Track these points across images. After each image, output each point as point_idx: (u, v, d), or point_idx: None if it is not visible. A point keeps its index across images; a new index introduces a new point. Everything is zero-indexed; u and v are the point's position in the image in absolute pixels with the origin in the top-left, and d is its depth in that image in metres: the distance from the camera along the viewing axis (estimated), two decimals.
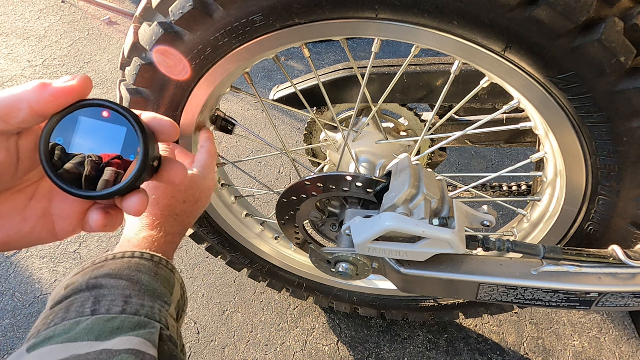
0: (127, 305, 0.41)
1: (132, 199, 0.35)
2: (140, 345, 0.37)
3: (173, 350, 0.41)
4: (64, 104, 0.32)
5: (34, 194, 0.37)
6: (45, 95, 0.31)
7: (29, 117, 0.31)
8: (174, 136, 0.37)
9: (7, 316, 1.18)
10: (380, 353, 1.13)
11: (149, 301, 0.43)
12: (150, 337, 0.39)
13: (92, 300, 0.41)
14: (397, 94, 0.79)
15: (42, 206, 0.37)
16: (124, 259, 0.48)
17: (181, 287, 0.53)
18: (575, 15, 0.42)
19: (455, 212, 0.52)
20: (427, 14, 0.48)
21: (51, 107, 0.32)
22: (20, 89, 0.31)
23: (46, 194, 0.37)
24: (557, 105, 0.52)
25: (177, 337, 0.45)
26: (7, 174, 0.34)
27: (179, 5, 0.53)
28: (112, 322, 0.39)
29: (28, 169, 0.36)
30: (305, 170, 1.42)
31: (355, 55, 2.16)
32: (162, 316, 0.44)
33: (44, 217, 0.37)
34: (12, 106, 0.31)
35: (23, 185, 0.37)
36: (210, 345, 1.15)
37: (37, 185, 0.37)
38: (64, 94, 0.32)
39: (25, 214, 0.36)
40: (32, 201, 0.37)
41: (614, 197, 0.56)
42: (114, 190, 0.34)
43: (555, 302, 0.53)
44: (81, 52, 2.12)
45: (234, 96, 1.88)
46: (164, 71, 0.59)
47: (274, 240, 1.00)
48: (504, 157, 1.65)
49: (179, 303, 0.52)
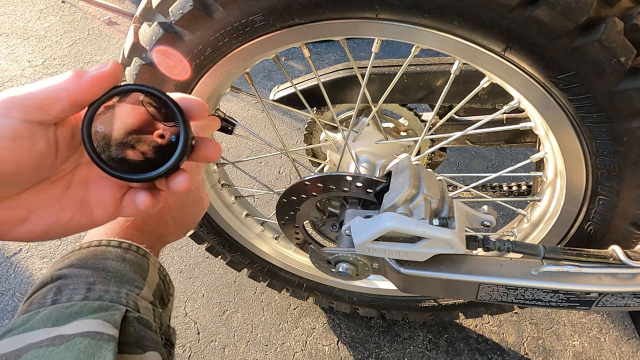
0: (89, 292, 0.41)
1: (178, 177, 0.36)
2: (98, 327, 0.37)
3: (141, 330, 0.41)
4: (101, 91, 0.33)
5: (70, 182, 0.38)
6: (82, 84, 0.32)
7: (67, 107, 0.32)
8: (202, 115, 0.38)
9: (7, 316, 1.18)
10: (380, 353, 1.13)
11: (115, 286, 0.43)
12: (111, 318, 0.38)
13: (54, 291, 0.41)
14: (397, 94, 0.79)
15: (79, 194, 0.38)
16: (89, 248, 0.48)
17: (159, 271, 0.52)
18: (575, 15, 0.42)
19: (455, 212, 0.52)
20: (427, 14, 0.48)
21: (88, 94, 0.32)
22: (57, 79, 0.32)
23: (82, 182, 0.38)
24: (557, 105, 0.52)
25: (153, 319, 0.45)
26: (47, 164, 0.34)
27: (179, 5, 0.53)
28: (71, 308, 0.38)
29: (65, 159, 0.36)
30: (305, 170, 1.42)
31: (355, 55, 2.16)
32: (130, 299, 0.43)
33: (81, 205, 0.38)
34: (51, 96, 0.31)
35: (59, 174, 0.37)
36: (210, 345, 1.15)
37: (72, 174, 0.38)
38: (100, 80, 0.32)
39: (63, 202, 0.37)
40: (68, 190, 0.37)
41: (614, 197, 0.56)
42: (161, 171, 0.35)
43: (555, 302, 0.53)
44: (81, 52, 2.11)
45: (234, 96, 1.88)
46: (164, 71, 0.59)
47: (274, 240, 1.00)
48: (504, 157, 1.65)
49: (159, 286, 0.51)
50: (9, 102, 0.31)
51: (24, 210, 0.35)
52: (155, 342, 0.42)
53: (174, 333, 0.51)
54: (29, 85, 0.32)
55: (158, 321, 0.46)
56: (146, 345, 0.40)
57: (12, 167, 0.31)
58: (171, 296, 0.54)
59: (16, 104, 0.31)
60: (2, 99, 0.31)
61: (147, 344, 0.40)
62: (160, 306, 0.50)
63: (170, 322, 0.52)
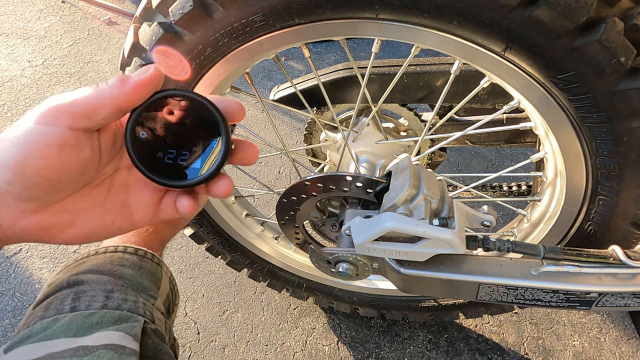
0: (108, 300, 0.41)
1: (220, 183, 0.36)
2: (120, 340, 0.37)
3: (158, 343, 0.41)
4: (144, 97, 0.33)
5: (111, 186, 0.38)
6: (126, 89, 0.32)
7: (111, 113, 0.32)
8: (240, 117, 0.38)
9: (7, 316, 1.18)
10: (380, 353, 1.13)
11: (132, 295, 0.43)
12: (132, 330, 0.38)
13: (72, 297, 0.40)
14: (397, 94, 0.79)
15: (120, 198, 0.38)
16: (106, 254, 0.48)
17: (170, 281, 0.53)
18: (575, 15, 0.42)
19: (455, 212, 0.52)
20: (427, 14, 0.48)
21: (132, 100, 0.33)
22: (101, 86, 0.32)
23: (122, 186, 0.38)
24: (557, 105, 0.52)
25: (165, 330, 0.45)
26: (91, 169, 0.35)
27: (179, 5, 0.53)
28: (91, 317, 0.38)
29: (107, 163, 0.37)
30: (305, 170, 1.42)
31: (355, 55, 2.16)
32: (147, 310, 0.43)
33: (122, 208, 0.38)
34: (96, 103, 0.32)
35: (101, 178, 0.37)
36: (210, 345, 1.15)
37: (113, 178, 0.38)
38: (143, 86, 0.33)
39: (105, 206, 0.37)
40: (110, 193, 0.38)
41: (614, 197, 0.56)
42: (203, 177, 0.35)
43: (555, 302, 0.53)
44: (81, 52, 2.11)
45: (234, 96, 1.89)
46: (164, 71, 0.59)
47: (274, 240, 1.00)
48: (504, 157, 1.65)
49: (169, 297, 0.51)
50: (56, 110, 0.31)
51: (69, 215, 0.35)
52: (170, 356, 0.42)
53: (178, 346, 0.51)
54: (74, 92, 0.32)
55: (168, 333, 0.46)
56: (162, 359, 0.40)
57: (58, 174, 0.32)
58: (176, 306, 0.54)
59: (63, 111, 0.31)
60: (49, 107, 0.31)
61: (163, 357, 0.40)
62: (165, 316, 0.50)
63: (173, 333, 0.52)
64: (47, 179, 0.31)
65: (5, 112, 1.78)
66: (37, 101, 1.83)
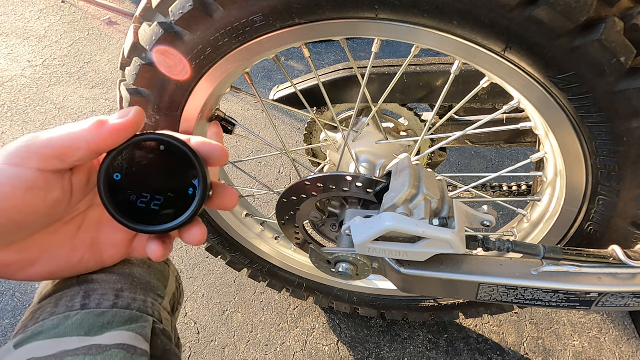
0: (118, 299, 0.41)
1: (192, 230, 0.35)
2: (132, 340, 0.37)
3: (166, 344, 0.41)
4: (121, 140, 0.32)
5: (82, 223, 0.37)
6: (103, 133, 0.31)
7: (86, 156, 0.32)
8: (223, 160, 0.37)
9: (7, 316, 1.18)
10: (380, 353, 1.13)
11: (142, 294, 0.43)
12: (142, 331, 0.38)
13: (82, 295, 0.40)
14: (397, 94, 0.79)
15: (91, 235, 0.37)
16: None
17: (176, 280, 0.52)
18: (575, 15, 0.42)
19: (455, 212, 0.52)
20: (427, 14, 0.48)
21: (109, 144, 0.32)
22: (77, 127, 0.31)
23: (95, 223, 0.38)
24: (557, 105, 0.52)
25: (171, 330, 0.45)
26: (61, 209, 0.34)
27: (179, 5, 0.53)
28: (103, 316, 0.38)
29: (79, 201, 0.36)
30: (305, 170, 1.42)
31: (355, 55, 2.16)
32: (155, 310, 0.43)
33: (92, 246, 0.37)
34: (70, 145, 0.31)
35: (72, 214, 0.37)
36: (210, 345, 1.15)
37: (85, 215, 0.37)
38: (121, 130, 0.32)
39: (74, 243, 0.36)
40: (80, 231, 0.37)
41: (614, 197, 0.56)
42: (175, 224, 0.34)
43: (555, 302, 0.53)
44: (81, 52, 2.11)
45: (234, 96, 1.88)
46: (164, 71, 0.59)
47: (274, 240, 1.00)
48: (504, 157, 1.65)
49: (174, 296, 0.51)
50: (27, 151, 0.30)
51: (34, 252, 0.34)
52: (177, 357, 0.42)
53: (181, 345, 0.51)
54: (49, 131, 0.31)
55: (174, 332, 0.46)
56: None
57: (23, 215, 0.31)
58: (180, 305, 0.54)
59: (34, 152, 0.30)
60: (20, 147, 0.30)
61: (172, 358, 0.40)
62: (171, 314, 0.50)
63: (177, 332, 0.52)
64: (10, 219, 0.30)
65: (5, 112, 1.78)
66: (37, 101, 1.83)
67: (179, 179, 0.35)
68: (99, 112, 1.80)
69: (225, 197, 0.38)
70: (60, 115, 1.77)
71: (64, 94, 1.88)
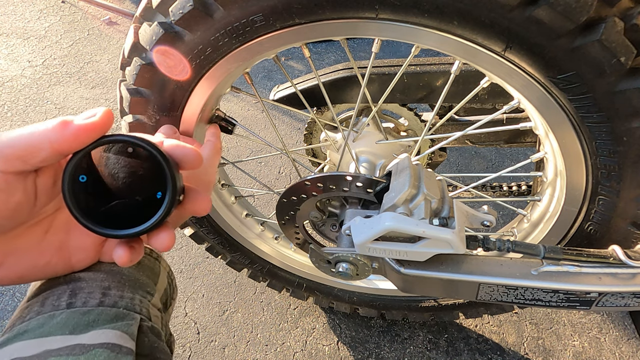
0: (105, 297, 0.40)
1: (160, 235, 0.34)
2: (117, 339, 0.36)
3: (154, 341, 0.40)
4: (87, 141, 0.31)
5: (50, 226, 0.36)
6: (66, 134, 0.30)
7: (49, 156, 0.30)
8: (197, 164, 0.36)
9: (7, 316, 1.18)
10: (380, 353, 1.13)
11: (129, 292, 0.42)
12: (128, 329, 0.37)
13: (69, 293, 0.39)
14: (397, 94, 0.79)
15: (59, 238, 0.36)
16: None
17: (168, 275, 0.52)
18: (575, 15, 0.42)
19: (455, 212, 0.52)
20: (427, 14, 0.48)
21: (73, 145, 0.31)
22: (40, 127, 0.30)
23: (63, 226, 0.37)
24: (557, 105, 0.52)
25: (161, 327, 0.44)
26: (24, 211, 0.33)
27: (179, 5, 0.53)
28: (88, 315, 0.37)
29: (45, 204, 0.35)
30: (305, 170, 1.43)
31: (355, 55, 2.16)
32: (144, 307, 0.42)
33: (60, 250, 0.36)
34: (33, 146, 0.30)
35: (39, 217, 0.36)
36: (210, 345, 1.15)
37: (53, 217, 0.36)
38: (86, 131, 0.31)
39: (41, 247, 0.35)
40: (48, 234, 0.36)
41: (614, 197, 0.56)
42: (142, 229, 0.33)
43: (555, 302, 0.53)
44: (81, 52, 2.12)
45: (234, 96, 1.88)
46: (164, 71, 0.59)
47: (274, 240, 1.00)
48: (504, 157, 1.65)
49: (166, 291, 0.50)
50: None
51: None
52: (166, 354, 0.41)
53: (173, 341, 0.51)
54: (11, 131, 0.30)
55: (164, 329, 0.46)
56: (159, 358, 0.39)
57: None
58: (173, 300, 0.54)
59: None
60: None
61: (159, 356, 0.40)
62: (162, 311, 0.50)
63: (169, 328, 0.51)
64: None
65: (5, 112, 1.78)
66: (37, 101, 1.83)
67: (148, 183, 0.33)
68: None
69: (197, 202, 0.37)
70: (61, 115, 1.77)
71: (64, 94, 1.88)
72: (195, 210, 0.37)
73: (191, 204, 0.37)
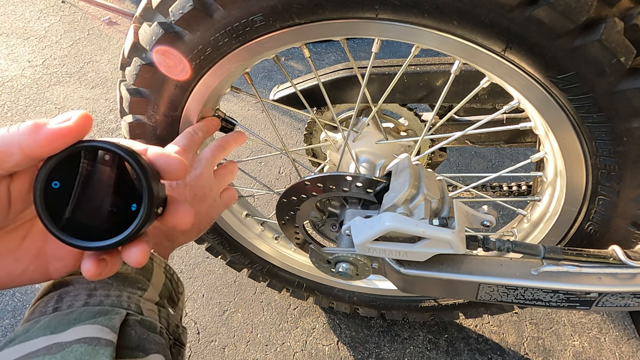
0: (90, 298, 0.39)
1: (132, 249, 0.32)
2: (95, 332, 0.35)
3: (143, 333, 0.39)
4: (61, 147, 0.29)
5: (27, 233, 0.35)
6: (38, 139, 0.28)
7: (20, 161, 0.29)
8: (181, 175, 0.34)
9: (7, 316, 1.18)
10: (380, 353, 1.13)
11: (116, 290, 0.41)
12: (109, 322, 0.36)
13: (56, 299, 0.39)
14: (397, 94, 0.79)
15: (36, 246, 0.35)
16: None
17: (166, 270, 0.51)
18: (575, 15, 0.42)
19: (455, 212, 0.52)
20: (427, 14, 0.48)
21: (46, 150, 0.29)
22: (12, 130, 0.29)
23: (40, 233, 0.35)
24: (557, 105, 0.52)
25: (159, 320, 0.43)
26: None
27: (179, 5, 0.53)
28: (70, 315, 0.36)
29: (21, 210, 0.33)
30: (305, 170, 1.43)
31: (355, 55, 2.16)
32: (132, 302, 0.41)
33: (37, 257, 0.35)
34: (2, 150, 0.28)
35: (16, 223, 0.35)
36: (210, 345, 1.15)
37: (31, 224, 0.35)
38: (60, 136, 0.29)
39: (17, 254, 0.34)
40: (25, 240, 0.35)
41: (614, 197, 0.56)
42: (112, 242, 0.31)
43: (555, 302, 0.53)
44: (81, 52, 2.12)
45: (234, 96, 1.88)
46: (164, 71, 0.59)
47: (274, 240, 1.00)
48: (504, 157, 1.65)
49: (166, 287, 0.50)
50: None
51: None
52: (159, 344, 0.40)
53: (184, 332, 0.50)
54: None
55: (165, 322, 0.45)
56: (149, 348, 0.39)
57: None
58: (181, 294, 0.54)
59: None
60: None
61: (149, 346, 0.39)
62: (170, 305, 0.50)
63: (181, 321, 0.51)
64: None
65: (5, 112, 1.78)
66: (37, 101, 1.83)
67: (124, 193, 0.31)
68: (99, 112, 1.80)
69: (178, 215, 0.35)
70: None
71: (64, 94, 1.88)
72: (175, 223, 0.35)
73: (172, 217, 0.35)
